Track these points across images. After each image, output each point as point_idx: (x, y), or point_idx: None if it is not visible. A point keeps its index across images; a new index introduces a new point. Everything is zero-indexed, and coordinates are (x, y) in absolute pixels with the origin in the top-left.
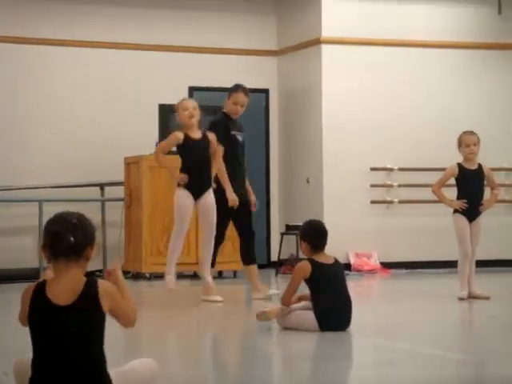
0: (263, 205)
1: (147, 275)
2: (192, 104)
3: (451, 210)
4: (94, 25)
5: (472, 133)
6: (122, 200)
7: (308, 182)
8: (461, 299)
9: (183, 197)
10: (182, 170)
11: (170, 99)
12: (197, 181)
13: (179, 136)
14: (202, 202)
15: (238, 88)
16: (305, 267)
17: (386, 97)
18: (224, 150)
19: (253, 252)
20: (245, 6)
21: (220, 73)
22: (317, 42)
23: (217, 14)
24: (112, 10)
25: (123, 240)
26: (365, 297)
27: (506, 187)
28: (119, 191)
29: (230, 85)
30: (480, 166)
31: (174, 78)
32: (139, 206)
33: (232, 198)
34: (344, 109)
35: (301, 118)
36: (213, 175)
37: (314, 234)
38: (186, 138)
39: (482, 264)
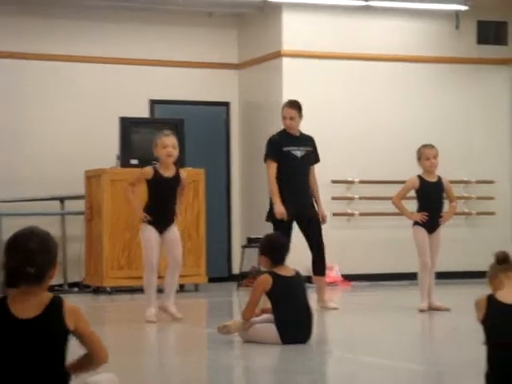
0: (224, 218)
1: (108, 289)
2: (172, 142)
3: (411, 222)
4: (53, 38)
5: (431, 146)
6: (82, 214)
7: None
8: (421, 311)
9: (148, 231)
10: (148, 203)
11: (131, 112)
12: (161, 216)
13: (148, 172)
14: (167, 236)
15: (285, 103)
16: (265, 280)
17: (346, 110)
18: (278, 166)
19: (321, 264)
20: (206, 19)
21: (181, 86)
22: (277, 55)
23: (178, 28)
24: (74, 23)
25: (84, 254)
26: (326, 309)
27: (465, 199)
28: (80, 205)
29: (190, 98)
30: (439, 178)
31: (134, 90)
32: (100, 219)
33: (279, 212)
34: (304, 122)
35: (262, 130)
36: (178, 211)
37: (273, 248)
38: (156, 174)
39: (441, 276)
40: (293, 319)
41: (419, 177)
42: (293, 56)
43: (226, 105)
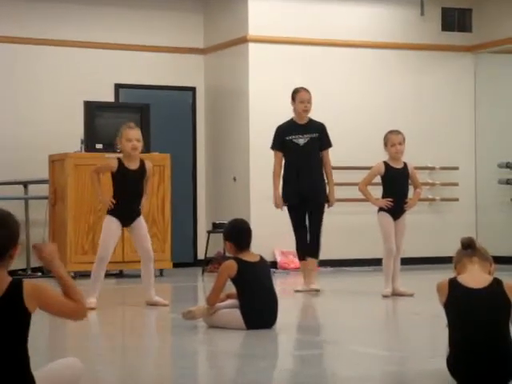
0: (190, 203)
1: (72, 274)
2: (136, 135)
3: (376, 208)
4: (15, 20)
5: (398, 132)
6: (46, 198)
7: (235, 180)
8: (385, 296)
9: (110, 222)
10: (113, 196)
11: (96, 96)
12: (127, 209)
13: (113, 165)
14: (135, 229)
15: (297, 89)
16: (230, 266)
17: (314, 96)
18: (283, 155)
19: (315, 247)
20: (171, 3)
21: (146, 70)
22: (243, 40)
23: (143, 12)
24: (37, 6)
25: (47, 239)
26: (291, 294)
27: (430, 186)
28: (43, 189)
29: (156, 82)
30: (405, 164)
31: (99, 74)
32: (64, 204)
33: (274, 202)
34: (271, 107)
35: (228, 116)
36: (143, 201)
37: (237, 234)
38: (121, 166)
39: (406, 262)
40: (257, 305)
41: (385, 163)
42: (259, 41)
43: (192, 90)
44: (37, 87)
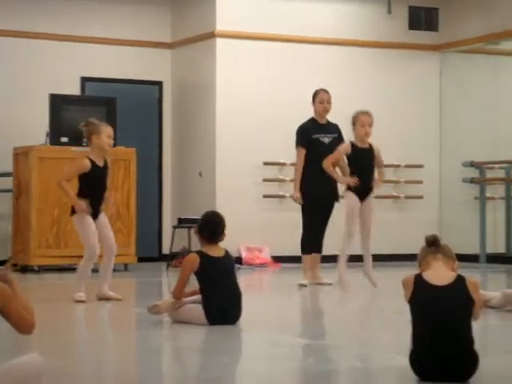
0: (155, 198)
1: (36, 268)
2: (112, 133)
3: (342, 205)
4: None
5: (368, 113)
6: (10, 191)
7: (201, 175)
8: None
9: (86, 220)
10: (81, 193)
11: (62, 89)
12: (94, 205)
13: (86, 165)
14: (99, 224)
15: (317, 90)
16: (193, 259)
17: (280, 92)
18: (306, 152)
19: (320, 242)
20: None
21: (113, 64)
22: (211, 35)
23: (110, 5)
24: None
25: (11, 232)
26: (255, 290)
27: (394, 183)
28: (7, 182)
29: (123, 76)
30: (371, 145)
31: (65, 68)
32: (28, 197)
33: (295, 196)
34: (238, 103)
35: (195, 111)
36: (110, 196)
37: (205, 227)
38: (93, 165)
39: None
40: (220, 300)
41: (351, 143)
42: (226, 37)
43: (159, 84)
44: (2, 79)
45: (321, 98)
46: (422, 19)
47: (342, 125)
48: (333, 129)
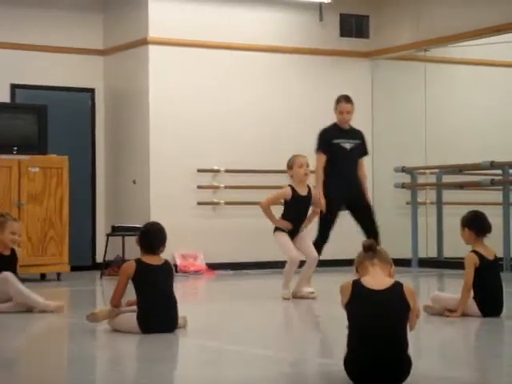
0: (88, 206)
1: None
2: (17, 228)
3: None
4: None
5: (303, 155)
6: None
7: (134, 182)
8: (285, 299)
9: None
10: None
11: None
12: None
13: None
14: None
15: (339, 98)
16: (129, 267)
17: (213, 99)
18: (327, 157)
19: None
20: (70, 2)
21: (44, 71)
22: (144, 42)
23: (41, 11)
24: None
25: None
26: (190, 298)
27: None
28: None
29: (54, 83)
30: (309, 190)
31: None
32: None
33: (321, 203)
34: (171, 110)
35: (128, 118)
36: None
37: (143, 237)
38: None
39: (300, 265)
40: (154, 309)
41: (292, 188)
42: (159, 44)
43: (91, 91)
44: None
45: (340, 108)
46: (353, 26)
47: (271, 131)
48: (356, 135)
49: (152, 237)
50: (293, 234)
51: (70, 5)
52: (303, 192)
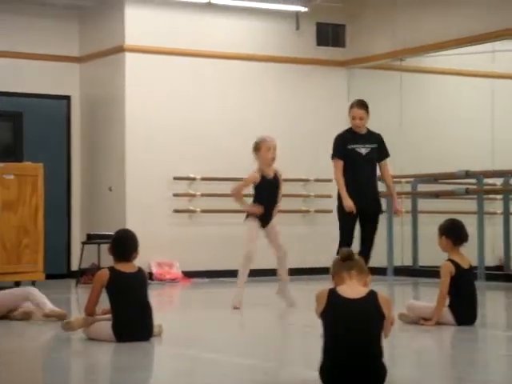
0: (64, 214)
1: None
2: None
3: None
4: None
5: (272, 138)
6: None
7: (110, 190)
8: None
9: None
10: None
11: None
12: None
13: None
14: None
15: (352, 103)
16: (103, 275)
17: (189, 107)
18: (343, 162)
19: (365, 260)
20: (46, 10)
21: (19, 78)
22: (120, 49)
23: (16, 18)
24: None
25: None
26: (166, 306)
27: (304, 197)
28: None
29: (30, 90)
30: (276, 174)
31: None
32: None
33: (348, 205)
34: (148, 118)
35: (104, 125)
36: None
37: (115, 245)
38: None
39: (274, 272)
40: (129, 317)
41: (261, 172)
42: (135, 51)
43: (67, 98)
44: None
45: (353, 113)
46: (330, 35)
47: (246, 139)
48: (372, 139)
49: (124, 244)
50: (265, 222)
51: (46, 12)
52: (270, 175)
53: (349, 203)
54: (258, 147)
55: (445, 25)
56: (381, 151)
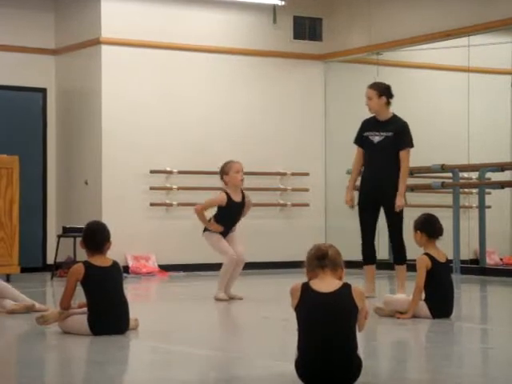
0: (39, 207)
1: None
2: None
3: None
4: None
5: (238, 161)
6: None
7: (86, 183)
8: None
9: None
10: None
11: None
12: None
13: None
14: None
15: (368, 86)
16: (77, 269)
17: (166, 100)
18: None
19: (397, 252)
20: (21, 1)
21: None
22: (96, 42)
23: None
24: None
25: None
26: (142, 299)
27: (281, 191)
28: None
29: (4, 82)
30: (243, 197)
31: None
32: None
33: (345, 198)
34: (124, 111)
35: (80, 118)
36: None
37: (86, 237)
38: None
39: (256, 266)
40: (104, 310)
41: (227, 195)
42: (112, 44)
43: (43, 91)
44: None
45: (365, 95)
46: (307, 29)
47: (223, 132)
48: (391, 127)
49: (95, 235)
50: (223, 234)
51: (21, 3)
52: (237, 198)
53: (346, 196)
54: (225, 171)
55: (421, 19)
56: (398, 140)
